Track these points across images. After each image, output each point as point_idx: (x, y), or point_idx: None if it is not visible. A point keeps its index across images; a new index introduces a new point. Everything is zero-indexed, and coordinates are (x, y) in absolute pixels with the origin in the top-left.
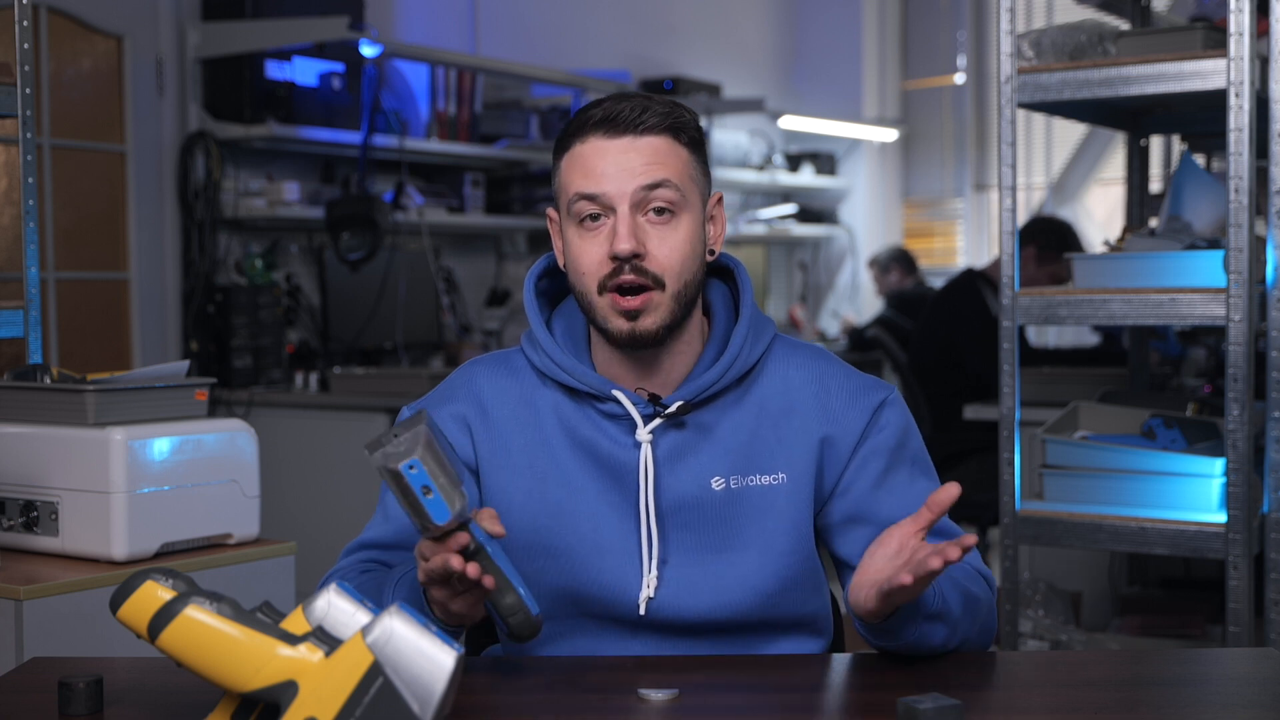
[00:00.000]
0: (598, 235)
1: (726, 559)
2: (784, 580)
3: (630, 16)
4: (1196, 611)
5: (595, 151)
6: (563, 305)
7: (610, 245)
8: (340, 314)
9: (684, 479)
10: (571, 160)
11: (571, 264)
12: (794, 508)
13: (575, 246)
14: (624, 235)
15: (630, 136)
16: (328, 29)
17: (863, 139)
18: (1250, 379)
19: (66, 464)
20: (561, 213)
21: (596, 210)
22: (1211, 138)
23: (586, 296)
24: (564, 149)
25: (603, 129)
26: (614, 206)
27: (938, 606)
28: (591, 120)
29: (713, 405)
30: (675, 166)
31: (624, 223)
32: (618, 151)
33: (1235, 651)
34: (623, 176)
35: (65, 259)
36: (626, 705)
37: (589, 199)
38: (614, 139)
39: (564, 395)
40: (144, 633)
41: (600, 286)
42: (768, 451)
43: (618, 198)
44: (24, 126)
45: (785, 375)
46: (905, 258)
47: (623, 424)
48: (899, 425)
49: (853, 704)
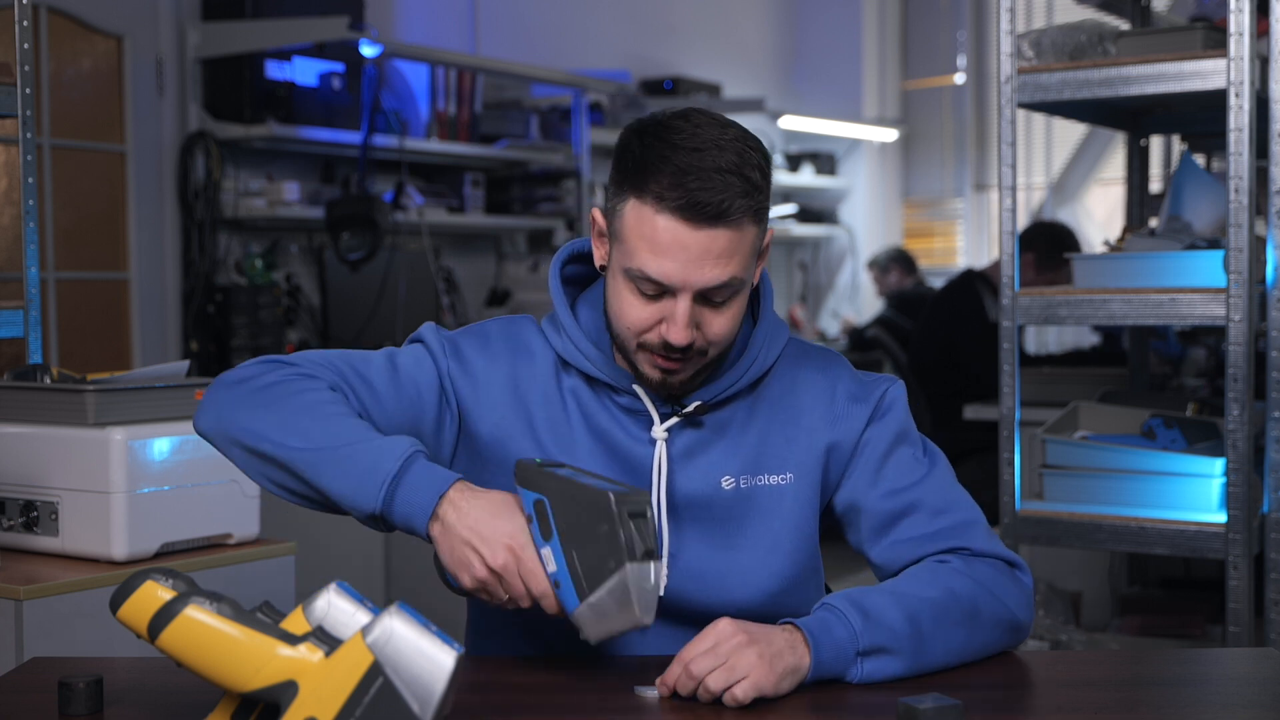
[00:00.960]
0: (650, 304)
1: (732, 556)
2: (787, 579)
3: (630, 16)
4: (1196, 611)
5: (670, 237)
6: (587, 294)
7: (664, 326)
8: (340, 314)
9: (695, 477)
10: (640, 222)
11: (614, 309)
12: (799, 507)
13: (624, 300)
14: (681, 328)
15: (709, 230)
16: (328, 29)
17: (863, 139)
18: (1250, 379)
19: (66, 464)
20: (614, 249)
21: (657, 291)
22: (1211, 138)
23: (624, 340)
24: (634, 191)
25: (684, 215)
26: (675, 293)
27: (877, 640)
28: (673, 197)
29: (726, 405)
30: (744, 254)
31: (683, 315)
32: (694, 245)
33: (1235, 651)
34: (692, 272)
35: (65, 259)
36: (627, 705)
37: (652, 282)
38: (693, 229)
39: (582, 382)
40: (144, 633)
41: (641, 344)
42: (776, 453)
43: (682, 290)
44: (24, 126)
45: (796, 377)
46: (904, 258)
47: (639, 419)
48: (898, 412)
49: (853, 704)
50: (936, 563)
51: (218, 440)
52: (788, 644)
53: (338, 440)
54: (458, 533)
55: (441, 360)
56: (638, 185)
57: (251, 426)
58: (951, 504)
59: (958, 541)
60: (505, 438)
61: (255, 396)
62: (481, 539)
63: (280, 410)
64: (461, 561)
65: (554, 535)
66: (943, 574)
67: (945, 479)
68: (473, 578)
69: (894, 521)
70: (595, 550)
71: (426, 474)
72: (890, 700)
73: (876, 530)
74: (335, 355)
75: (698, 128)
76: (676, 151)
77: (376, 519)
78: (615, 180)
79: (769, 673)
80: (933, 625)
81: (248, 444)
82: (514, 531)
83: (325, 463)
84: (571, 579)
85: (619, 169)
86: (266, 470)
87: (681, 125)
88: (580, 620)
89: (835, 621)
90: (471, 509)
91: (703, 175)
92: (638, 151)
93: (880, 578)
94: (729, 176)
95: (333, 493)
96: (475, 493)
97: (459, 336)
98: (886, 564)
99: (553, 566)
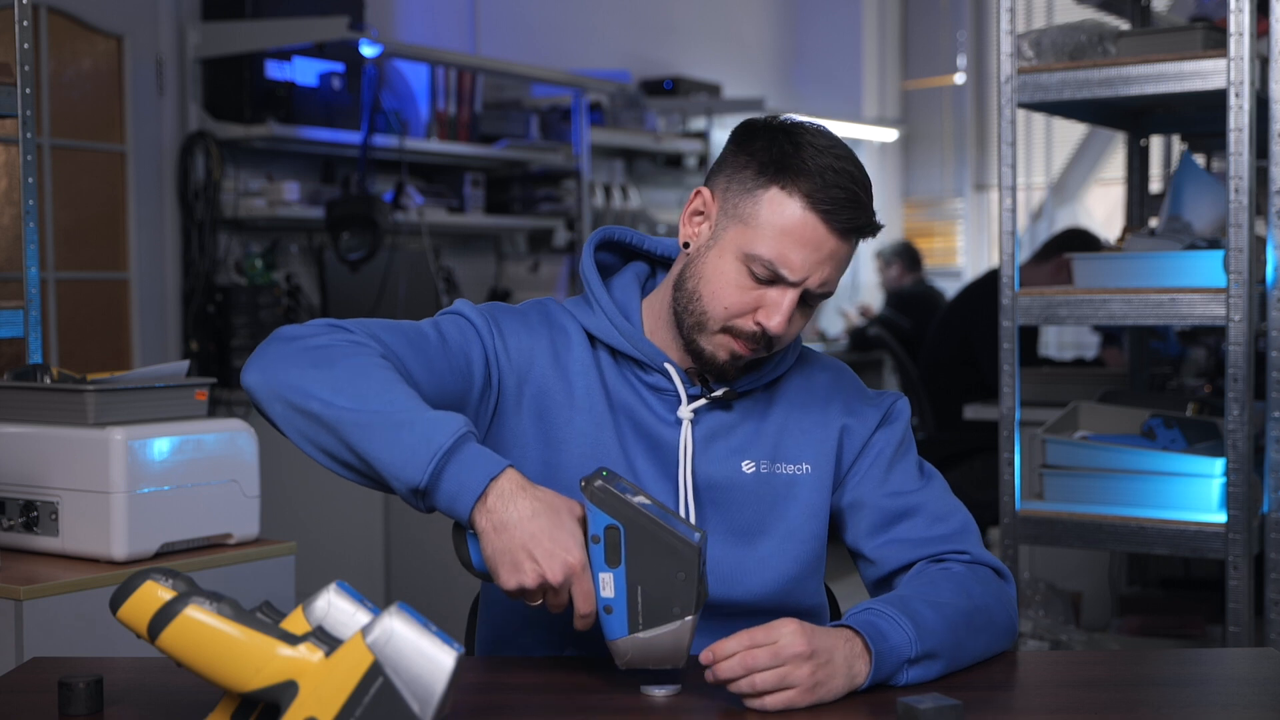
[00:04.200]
0: (755, 289)
1: (749, 546)
2: (802, 566)
3: (630, 16)
4: (1196, 611)
5: (810, 234)
6: (617, 278)
7: (762, 312)
8: (340, 314)
9: (716, 460)
10: (781, 212)
11: (711, 287)
12: (816, 495)
13: (727, 279)
14: (783, 319)
15: (840, 239)
16: (328, 29)
17: (863, 139)
18: (1250, 379)
19: (66, 464)
20: (731, 229)
21: (772, 279)
22: (1211, 138)
23: (707, 319)
24: (779, 183)
25: (828, 218)
26: (789, 286)
27: (927, 647)
28: (823, 198)
29: (748, 395)
30: (844, 269)
31: (789, 307)
32: (825, 248)
33: (1235, 651)
34: (813, 271)
35: (65, 259)
36: (628, 704)
37: (774, 271)
38: (830, 234)
39: (609, 360)
40: (144, 633)
41: (728, 327)
42: (795, 442)
43: (798, 284)
44: (24, 126)
45: (811, 376)
46: (910, 253)
47: (666, 399)
48: (905, 423)
49: (853, 704)
50: (945, 569)
51: (261, 393)
52: (846, 658)
53: (390, 407)
54: (515, 535)
55: (488, 336)
56: (785, 178)
57: (299, 384)
58: (949, 513)
59: (955, 547)
60: (545, 408)
61: (308, 355)
62: (544, 551)
63: (333, 370)
64: (513, 564)
65: (621, 564)
66: (960, 581)
67: (943, 491)
68: (518, 582)
69: (894, 521)
70: (664, 592)
71: (479, 455)
72: (890, 699)
73: (875, 527)
74: (385, 324)
75: (833, 141)
76: (822, 155)
77: (419, 493)
78: (749, 168)
79: (808, 694)
80: (965, 632)
81: (294, 400)
82: (575, 548)
83: (374, 427)
84: (628, 611)
85: (756, 159)
86: (309, 430)
87: (817, 135)
88: (621, 648)
89: (890, 629)
90: (530, 510)
91: (847, 188)
92: (786, 147)
93: (869, 575)
94: (863, 194)
95: (377, 460)
96: (528, 489)
97: (496, 312)
98: (880, 561)
99: (609, 593)
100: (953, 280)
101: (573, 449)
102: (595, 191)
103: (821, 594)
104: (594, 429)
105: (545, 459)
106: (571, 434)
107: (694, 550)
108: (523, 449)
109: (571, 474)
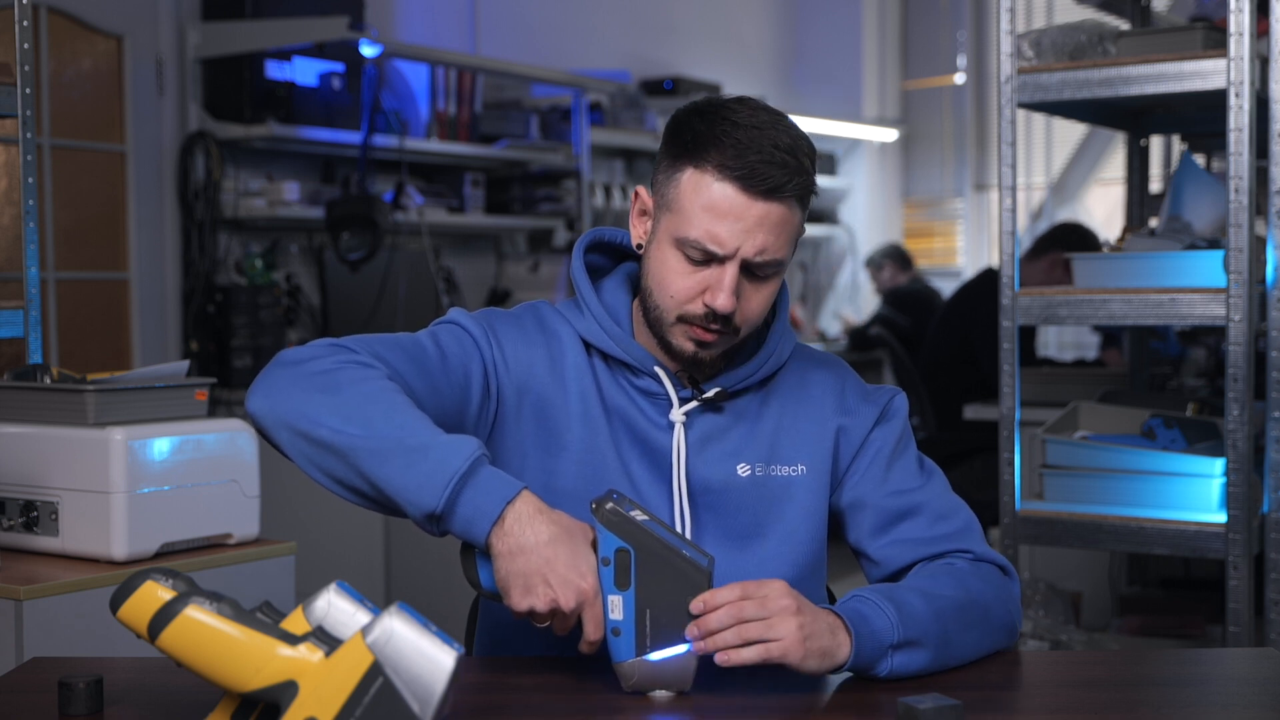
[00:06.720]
0: (696, 272)
1: (748, 547)
2: (802, 569)
3: (630, 16)
4: (1196, 611)
5: (728, 205)
6: (606, 280)
7: (708, 293)
8: (340, 314)
9: (711, 463)
10: (698, 190)
11: (657, 279)
12: (812, 497)
13: (669, 268)
14: (727, 295)
15: (765, 202)
16: (328, 29)
17: (863, 139)
18: (1250, 379)
19: (66, 464)
20: (663, 219)
21: (706, 258)
22: (1211, 138)
23: (661, 313)
24: (693, 162)
25: (744, 184)
26: (725, 261)
27: (910, 634)
28: (735, 165)
29: (741, 396)
30: (789, 236)
31: (730, 281)
32: (750, 215)
33: (1235, 651)
34: (742, 240)
35: (65, 259)
36: (628, 704)
37: (703, 249)
38: (751, 200)
39: (602, 364)
40: (144, 633)
41: (681, 316)
42: (790, 444)
43: (731, 256)
44: (24, 126)
45: (805, 374)
46: (898, 253)
47: (659, 403)
48: (903, 419)
49: (853, 704)
50: (948, 564)
51: (267, 421)
52: (829, 627)
53: (401, 431)
54: (531, 560)
55: (486, 348)
56: (698, 156)
57: (307, 410)
58: (952, 510)
59: (959, 545)
60: (544, 417)
61: (314, 380)
62: (559, 577)
63: (340, 395)
64: (526, 588)
65: (631, 588)
66: (959, 575)
67: (944, 487)
68: (530, 605)
69: (896, 521)
70: (673, 617)
71: (493, 478)
72: (890, 699)
73: (878, 527)
74: (386, 340)
75: (754, 110)
76: (738, 128)
77: (434, 519)
78: (670, 154)
79: (799, 646)
80: (955, 624)
81: (301, 428)
82: (589, 574)
83: (386, 453)
84: (636, 634)
85: (675, 143)
86: (318, 457)
87: (738, 107)
88: (627, 670)
89: (873, 614)
90: (548, 535)
91: (763, 150)
92: (699, 126)
93: (874, 576)
94: (786, 155)
95: (390, 487)
96: (544, 512)
97: (493, 320)
98: (884, 561)
99: (618, 615)
100: (952, 280)
101: (570, 456)
102: (595, 191)
103: (823, 597)
104: (590, 435)
105: (544, 467)
106: (569, 441)
107: (704, 575)
108: (522, 458)
109: (569, 481)
